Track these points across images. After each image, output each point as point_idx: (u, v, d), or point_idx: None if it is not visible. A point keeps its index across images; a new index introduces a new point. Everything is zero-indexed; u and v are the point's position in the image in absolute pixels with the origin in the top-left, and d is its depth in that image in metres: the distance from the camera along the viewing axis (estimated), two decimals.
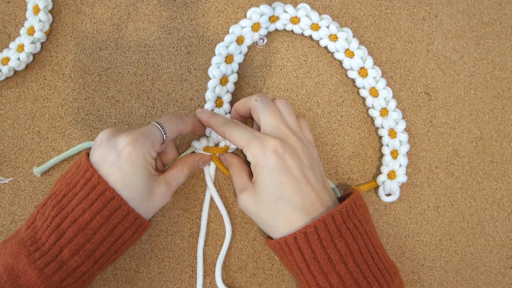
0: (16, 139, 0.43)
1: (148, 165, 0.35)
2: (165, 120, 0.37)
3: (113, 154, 0.34)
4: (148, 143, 0.34)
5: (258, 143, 0.35)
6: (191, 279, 0.42)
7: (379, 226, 0.44)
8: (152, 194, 0.35)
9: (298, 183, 0.34)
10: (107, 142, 0.34)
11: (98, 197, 0.33)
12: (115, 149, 0.34)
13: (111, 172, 0.33)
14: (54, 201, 0.33)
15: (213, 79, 0.42)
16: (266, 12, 0.42)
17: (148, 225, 0.36)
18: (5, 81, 0.43)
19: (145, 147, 0.34)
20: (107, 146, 0.34)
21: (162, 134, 0.36)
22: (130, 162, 0.33)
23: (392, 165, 0.43)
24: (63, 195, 0.33)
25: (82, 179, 0.33)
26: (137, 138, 0.34)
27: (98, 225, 0.33)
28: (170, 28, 0.45)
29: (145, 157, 0.34)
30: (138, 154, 0.34)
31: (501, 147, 0.47)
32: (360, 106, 0.45)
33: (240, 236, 0.43)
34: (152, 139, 0.35)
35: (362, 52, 0.43)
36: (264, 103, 0.38)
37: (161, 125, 0.36)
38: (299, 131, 0.38)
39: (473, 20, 0.48)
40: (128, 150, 0.33)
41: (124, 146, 0.33)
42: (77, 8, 0.44)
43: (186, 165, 0.39)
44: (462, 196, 0.45)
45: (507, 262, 0.45)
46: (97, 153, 0.34)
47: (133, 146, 0.33)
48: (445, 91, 0.47)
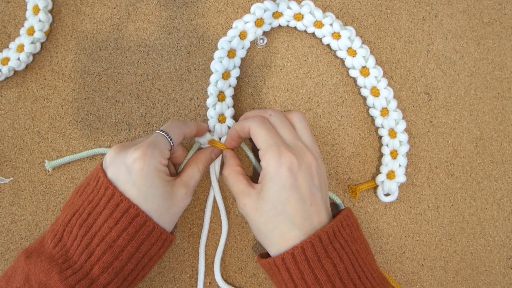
0: (16, 139, 0.43)
1: (162, 174, 0.35)
2: (169, 127, 0.37)
3: (124, 171, 0.34)
4: (156, 153, 0.34)
5: (276, 153, 0.35)
6: (191, 279, 0.42)
7: (379, 226, 0.44)
8: (173, 199, 0.35)
9: (303, 203, 0.34)
10: (116, 160, 0.34)
11: (122, 215, 0.33)
12: (125, 166, 0.34)
13: (127, 189, 0.33)
14: (80, 219, 0.33)
15: (216, 73, 0.42)
16: (270, 7, 0.43)
17: (172, 239, 0.36)
18: (5, 81, 0.43)
19: (155, 158, 0.34)
20: (117, 164, 0.34)
21: (169, 141, 0.36)
22: (142, 176, 0.33)
23: (391, 165, 0.43)
24: (88, 213, 0.33)
25: (104, 197, 0.34)
26: (145, 151, 0.34)
27: (125, 242, 0.33)
28: (170, 28, 0.45)
29: (156, 168, 0.34)
30: (150, 166, 0.34)
31: (501, 147, 0.47)
32: (360, 106, 0.45)
33: (240, 236, 0.43)
34: (160, 148, 0.35)
35: (364, 51, 0.43)
36: (279, 118, 0.37)
37: (166, 132, 0.36)
38: (314, 147, 0.37)
39: (473, 20, 0.48)
40: (139, 165, 0.33)
41: (133, 161, 0.33)
42: (77, 8, 0.44)
43: (200, 161, 0.39)
44: (462, 196, 0.45)
45: (507, 262, 0.45)
46: (110, 172, 0.34)
47: (142, 160, 0.33)
48: (445, 91, 0.47)
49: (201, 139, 0.41)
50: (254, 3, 0.43)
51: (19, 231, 0.41)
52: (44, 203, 0.42)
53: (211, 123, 0.41)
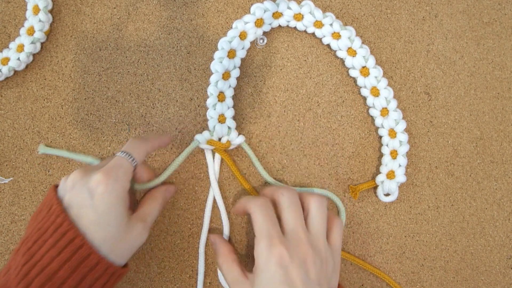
0: (16, 139, 0.43)
1: (123, 202, 0.33)
2: (129, 147, 0.36)
3: (85, 194, 0.32)
4: (120, 175, 0.33)
5: (266, 245, 0.33)
6: (191, 279, 0.42)
7: (379, 226, 0.44)
8: (128, 233, 0.34)
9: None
10: (78, 184, 0.33)
11: (67, 245, 0.31)
12: (87, 189, 0.32)
13: (84, 215, 0.32)
14: (25, 247, 0.32)
15: (216, 74, 0.42)
16: (269, 8, 0.43)
17: (123, 272, 0.34)
18: (5, 81, 0.43)
19: (119, 181, 0.33)
20: (79, 188, 0.33)
21: (131, 162, 0.35)
22: (104, 200, 0.32)
23: (391, 165, 0.43)
24: (33, 241, 0.32)
25: (53, 225, 0.32)
26: (109, 173, 0.33)
27: (66, 274, 0.31)
28: (170, 28, 0.45)
29: (119, 194, 0.33)
30: (113, 190, 0.32)
31: (501, 147, 0.47)
32: (360, 106, 0.45)
33: (240, 236, 0.43)
34: (124, 170, 0.34)
35: (364, 51, 0.43)
36: (290, 199, 0.35)
37: (127, 152, 0.35)
38: (320, 237, 0.35)
39: (473, 20, 0.48)
40: (102, 188, 0.32)
41: (97, 184, 0.32)
42: (77, 8, 0.44)
43: (157, 199, 0.38)
44: (462, 196, 0.45)
45: (507, 262, 0.45)
46: (69, 197, 0.33)
47: (105, 183, 0.32)
48: (445, 91, 0.47)
49: (200, 137, 0.41)
50: (254, 4, 0.43)
51: (19, 231, 0.41)
52: None
53: (211, 123, 0.41)
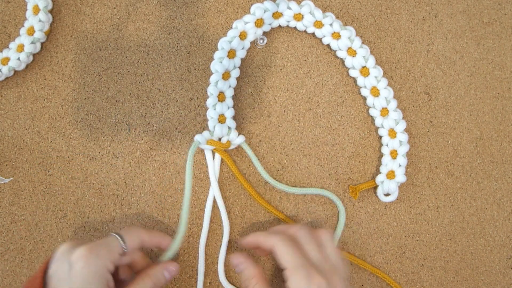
0: (16, 139, 0.43)
1: (103, 280, 0.32)
2: (126, 230, 0.35)
3: (65, 268, 0.31)
4: (103, 254, 0.32)
5: (305, 275, 0.33)
6: (191, 279, 0.42)
7: (379, 226, 0.44)
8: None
9: None
10: (63, 255, 0.32)
11: None
12: (68, 262, 0.31)
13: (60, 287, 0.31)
14: None
15: (216, 74, 0.42)
16: (269, 8, 0.43)
17: None
18: (5, 81, 0.43)
19: (100, 259, 0.32)
20: (62, 260, 0.32)
21: (121, 244, 0.34)
22: (81, 276, 0.31)
23: (391, 165, 0.43)
24: None
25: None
26: (92, 249, 0.32)
27: None
28: (170, 28, 0.45)
29: (99, 271, 0.31)
30: (91, 267, 0.31)
31: (501, 147, 0.47)
32: (360, 106, 0.45)
33: (240, 236, 0.43)
34: (109, 250, 0.33)
35: (364, 51, 0.43)
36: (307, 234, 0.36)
37: (121, 235, 0.34)
38: (342, 268, 0.35)
39: (473, 20, 0.48)
40: (81, 264, 0.31)
41: (77, 258, 0.31)
42: (77, 8, 0.44)
43: (148, 277, 0.35)
44: (462, 196, 0.45)
45: (507, 262, 0.45)
46: (52, 268, 0.32)
47: (86, 259, 0.31)
48: (445, 91, 0.47)
49: (200, 137, 0.41)
50: (254, 4, 0.43)
51: (19, 231, 0.41)
52: (44, 203, 0.42)
53: (211, 123, 0.41)
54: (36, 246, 0.41)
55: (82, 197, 0.42)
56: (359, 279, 0.43)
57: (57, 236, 0.42)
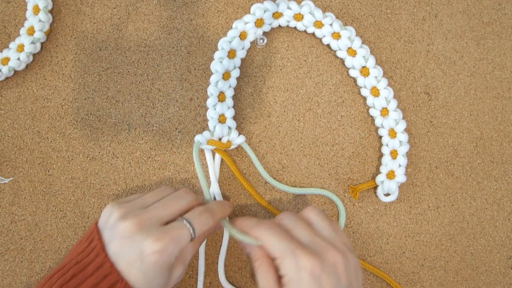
0: (16, 139, 0.43)
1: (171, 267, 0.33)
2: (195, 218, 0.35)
3: (136, 256, 0.32)
4: (176, 252, 0.33)
5: (292, 259, 0.32)
6: (191, 279, 0.42)
7: (379, 226, 0.44)
8: (170, 279, 0.34)
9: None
10: (132, 239, 0.32)
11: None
12: (141, 253, 0.32)
13: (131, 272, 0.32)
14: (62, 279, 0.31)
15: (216, 74, 0.42)
16: (269, 8, 0.43)
17: None
18: (5, 81, 0.43)
19: (172, 255, 0.32)
20: (132, 245, 0.32)
21: (191, 235, 0.34)
22: (155, 269, 0.32)
23: (391, 165, 0.43)
24: (72, 274, 0.31)
25: (93, 263, 0.32)
26: (167, 247, 0.32)
27: None
28: (170, 28, 0.45)
29: (170, 263, 0.33)
30: (165, 263, 0.32)
31: (501, 147, 0.47)
32: (360, 106, 0.45)
33: None
34: (181, 245, 0.33)
35: (364, 51, 0.43)
36: (292, 219, 0.35)
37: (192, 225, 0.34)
38: (339, 239, 0.35)
39: (473, 20, 0.48)
40: (155, 259, 0.32)
41: (151, 253, 0.32)
42: (77, 8, 0.44)
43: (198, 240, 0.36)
44: (462, 196, 0.45)
45: (507, 262, 0.45)
46: (118, 246, 0.32)
47: (161, 256, 0.32)
48: (445, 91, 0.47)
49: (200, 137, 0.41)
50: (254, 4, 0.43)
51: (19, 231, 0.41)
52: (44, 203, 0.42)
53: (211, 123, 0.41)
54: (36, 246, 0.41)
55: (82, 197, 0.42)
56: None
57: (57, 236, 0.42)
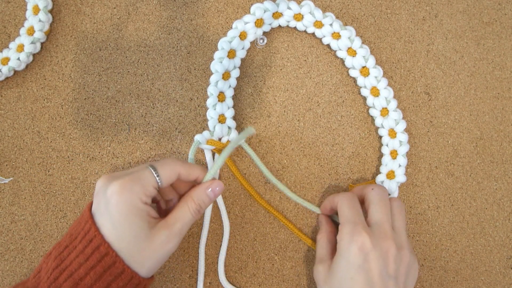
0: (16, 139, 0.43)
1: (140, 212, 0.32)
2: (161, 163, 0.34)
3: (103, 202, 0.32)
4: (137, 189, 0.32)
5: (350, 230, 0.34)
6: (191, 279, 0.42)
7: None
8: (150, 243, 0.32)
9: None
10: (100, 190, 0.33)
11: (93, 252, 0.31)
12: (105, 198, 0.32)
13: (103, 221, 0.32)
14: (57, 251, 0.32)
15: (216, 74, 0.42)
16: (269, 8, 0.43)
17: (147, 283, 0.33)
18: (5, 81, 0.43)
19: (134, 194, 0.32)
20: (100, 195, 0.33)
21: (155, 178, 0.33)
22: (118, 210, 0.31)
23: (391, 165, 0.43)
24: (65, 246, 0.32)
25: (82, 231, 0.32)
26: (125, 184, 0.32)
27: (91, 281, 0.31)
28: (170, 28, 0.45)
29: (134, 205, 0.32)
30: (126, 202, 0.32)
31: (501, 147, 0.47)
32: (360, 106, 0.45)
33: (240, 236, 0.43)
34: (142, 183, 0.32)
35: (364, 51, 0.43)
36: (380, 196, 0.37)
37: (155, 168, 0.34)
38: (403, 237, 0.36)
39: (473, 20, 0.48)
40: (115, 198, 0.32)
41: (111, 194, 0.32)
42: (77, 8, 0.44)
43: (190, 199, 0.34)
44: (462, 196, 0.45)
45: (507, 262, 0.45)
46: (94, 202, 0.33)
47: (120, 193, 0.32)
48: (445, 91, 0.47)
49: (200, 137, 0.41)
50: (254, 3, 0.43)
51: (19, 231, 0.42)
52: (44, 203, 0.42)
53: (211, 123, 0.41)
54: (36, 246, 0.41)
55: (82, 197, 0.42)
56: None
57: (57, 236, 0.42)
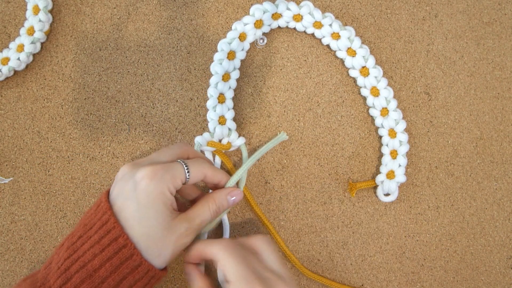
0: (16, 139, 0.43)
1: (166, 200, 0.33)
2: (193, 162, 0.35)
3: (130, 186, 0.32)
4: (167, 177, 0.33)
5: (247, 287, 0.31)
6: None
7: (379, 226, 0.44)
8: (170, 232, 0.32)
9: None
10: (127, 175, 0.33)
11: (110, 243, 0.31)
12: (133, 181, 0.32)
13: (126, 206, 0.32)
14: (69, 241, 0.32)
15: (215, 76, 0.42)
16: (269, 9, 0.43)
17: (161, 276, 0.33)
18: (5, 81, 0.43)
19: (164, 181, 0.32)
20: (126, 179, 0.33)
21: (186, 173, 0.34)
22: (146, 194, 0.32)
23: (391, 165, 0.43)
24: (78, 236, 0.32)
25: (98, 222, 0.32)
26: (157, 170, 0.32)
27: (107, 273, 0.31)
28: (170, 28, 0.45)
29: (163, 191, 0.32)
30: (156, 186, 0.32)
31: (501, 147, 0.47)
32: (360, 106, 0.45)
33: (240, 236, 0.43)
34: (173, 174, 0.33)
35: (364, 51, 0.43)
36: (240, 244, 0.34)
37: (187, 164, 0.34)
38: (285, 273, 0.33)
39: (473, 20, 0.48)
40: (146, 182, 0.32)
41: (142, 178, 0.32)
42: (77, 8, 0.44)
43: (212, 200, 0.36)
44: (462, 196, 0.45)
45: (507, 262, 0.45)
46: (116, 188, 0.33)
47: (150, 178, 0.32)
48: (445, 91, 0.47)
49: (200, 138, 0.41)
50: (254, 4, 0.43)
51: (19, 231, 0.42)
52: (44, 203, 0.42)
53: (211, 125, 0.41)
54: (36, 246, 0.41)
55: (82, 197, 0.42)
56: (359, 279, 0.43)
57: (57, 236, 0.42)
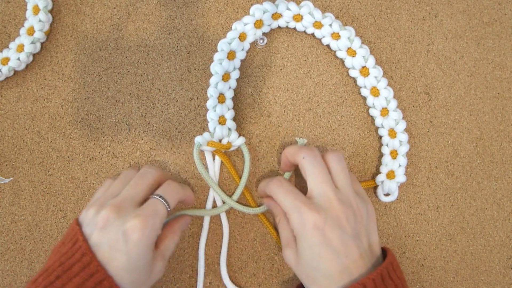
0: (16, 139, 0.43)
1: (153, 245, 0.34)
2: (167, 191, 0.36)
3: (119, 238, 0.32)
4: (156, 223, 0.34)
5: (298, 215, 0.35)
6: (191, 279, 0.42)
7: (379, 226, 0.44)
8: (151, 272, 0.34)
9: (337, 256, 0.34)
10: (114, 225, 0.33)
11: (95, 286, 0.31)
12: (123, 233, 0.32)
13: (115, 258, 0.32)
14: (46, 280, 0.31)
15: (215, 76, 0.42)
16: (269, 9, 0.42)
17: None
18: (5, 81, 0.43)
19: (154, 229, 0.33)
20: (113, 229, 0.32)
21: (166, 208, 0.35)
22: (138, 248, 0.32)
23: (391, 165, 0.43)
24: (56, 276, 0.31)
25: (78, 263, 0.31)
26: (147, 220, 0.33)
27: None
28: (170, 28, 0.45)
29: (152, 239, 0.33)
30: (148, 237, 0.33)
31: (501, 147, 0.47)
32: (360, 106, 0.45)
33: (240, 236, 0.43)
34: (160, 216, 0.34)
35: (364, 51, 0.43)
36: (312, 163, 0.36)
37: (164, 198, 0.35)
38: (348, 191, 0.36)
39: (473, 20, 0.48)
40: (138, 236, 0.32)
41: (133, 230, 0.32)
42: (77, 8, 0.44)
43: (176, 233, 0.38)
44: (462, 196, 0.45)
45: (507, 262, 0.45)
46: (100, 236, 0.33)
47: (142, 231, 0.32)
48: (445, 91, 0.47)
49: (200, 138, 0.41)
50: (254, 4, 0.43)
51: (19, 231, 0.42)
52: (44, 203, 0.42)
53: (211, 125, 0.41)
54: (36, 246, 0.41)
55: (82, 197, 0.42)
56: None
57: (57, 236, 0.42)
